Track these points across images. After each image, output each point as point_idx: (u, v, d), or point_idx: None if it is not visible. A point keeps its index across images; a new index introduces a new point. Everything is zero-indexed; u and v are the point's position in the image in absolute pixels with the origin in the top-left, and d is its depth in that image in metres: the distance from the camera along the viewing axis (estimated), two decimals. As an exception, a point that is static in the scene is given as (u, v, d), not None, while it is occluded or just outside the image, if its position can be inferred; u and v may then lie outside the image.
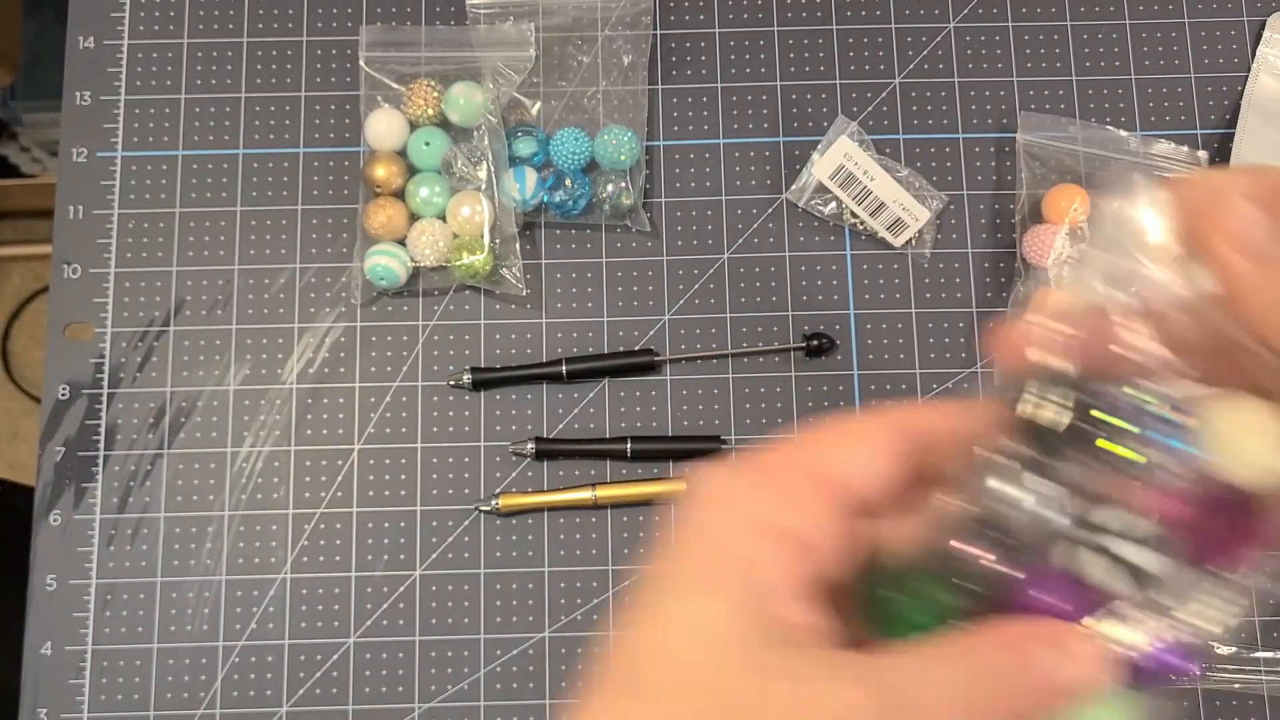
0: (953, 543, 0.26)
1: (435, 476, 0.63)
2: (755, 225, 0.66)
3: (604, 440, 0.63)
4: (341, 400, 0.64)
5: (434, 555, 0.62)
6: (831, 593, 0.26)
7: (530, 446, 0.62)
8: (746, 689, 0.24)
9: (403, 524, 0.62)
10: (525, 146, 0.65)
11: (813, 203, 0.65)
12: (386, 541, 0.62)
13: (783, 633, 0.25)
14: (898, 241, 0.65)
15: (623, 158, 0.64)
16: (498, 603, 0.62)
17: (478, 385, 0.64)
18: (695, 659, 0.24)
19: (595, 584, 0.62)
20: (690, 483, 0.27)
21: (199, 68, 0.68)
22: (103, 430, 0.63)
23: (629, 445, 0.62)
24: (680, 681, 0.24)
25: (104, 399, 0.64)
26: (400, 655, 0.61)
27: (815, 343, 0.64)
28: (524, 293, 0.64)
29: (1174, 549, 0.26)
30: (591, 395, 0.64)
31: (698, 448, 0.63)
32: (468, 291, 0.65)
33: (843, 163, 0.64)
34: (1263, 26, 0.68)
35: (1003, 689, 0.24)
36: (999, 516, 0.26)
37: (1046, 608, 0.26)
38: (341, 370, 0.64)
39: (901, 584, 0.27)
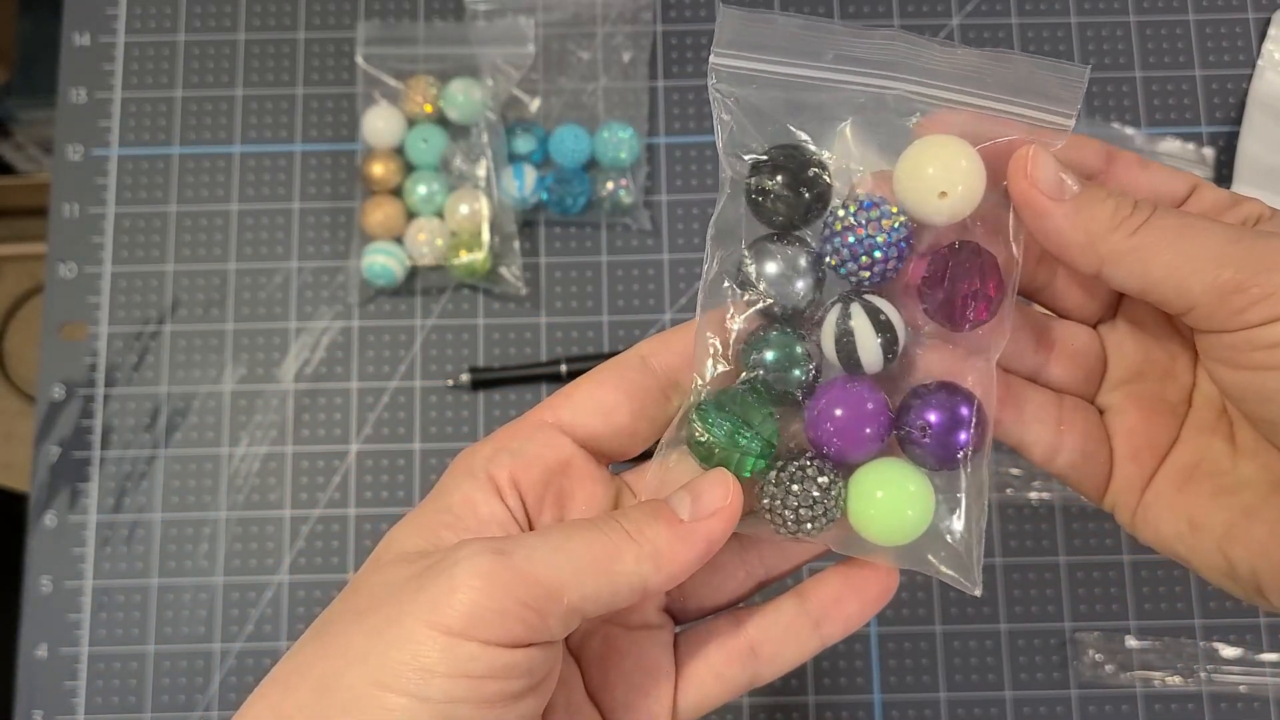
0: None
1: (434, 478, 0.62)
2: (756, 223, 0.65)
3: (604, 440, 0.63)
4: (339, 400, 0.63)
5: (432, 557, 0.62)
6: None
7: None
8: (403, 577, 0.29)
9: (401, 525, 0.62)
10: (524, 143, 0.65)
11: (814, 201, 0.65)
12: (384, 543, 0.62)
13: (446, 544, 0.30)
14: (900, 240, 0.64)
15: (623, 155, 0.64)
16: (497, 605, 0.61)
17: (476, 385, 0.63)
18: (371, 575, 0.30)
19: (595, 586, 0.61)
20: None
21: (195, 64, 0.67)
22: (98, 430, 0.63)
23: (629, 445, 0.62)
24: (356, 589, 0.30)
25: (99, 399, 0.63)
26: (398, 658, 0.60)
27: (817, 342, 0.63)
28: (523, 291, 0.64)
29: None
30: (591, 395, 0.63)
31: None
32: (466, 290, 0.65)
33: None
34: (1268, 23, 0.68)
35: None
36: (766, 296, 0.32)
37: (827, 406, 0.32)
38: (339, 370, 0.64)
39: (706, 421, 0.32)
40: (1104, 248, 0.30)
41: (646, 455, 0.35)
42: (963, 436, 0.31)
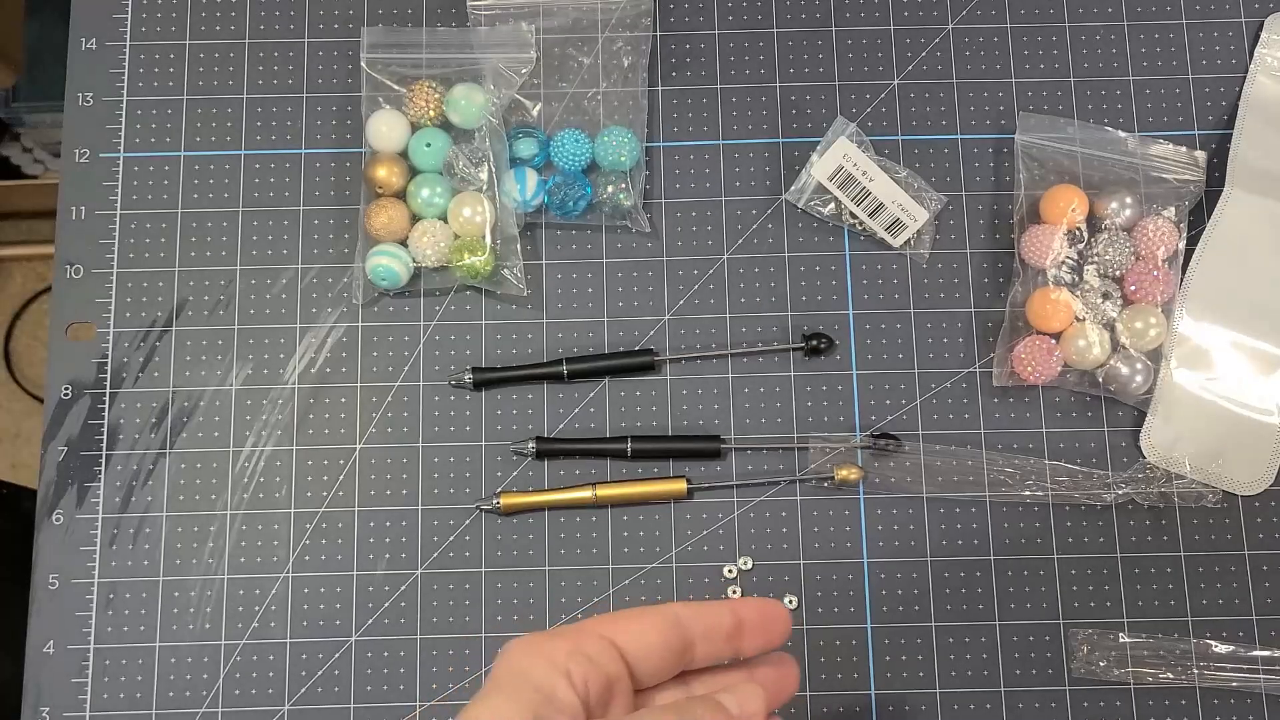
0: None
1: (436, 476, 0.63)
2: (755, 226, 0.66)
3: (604, 440, 0.63)
4: (343, 400, 0.64)
5: (435, 554, 0.62)
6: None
7: (531, 446, 0.63)
8: None
9: (404, 523, 0.63)
10: (526, 148, 0.65)
11: (812, 203, 0.66)
12: (388, 540, 0.62)
13: None
14: (896, 242, 0.65)
15: (623, 159, 0.65)
16: (499, 601, 0.62)
17: (479, 385, 0.64)
18: None
19: (595, 583, 0.62)
20: (509, 644, 0.39)
21: (201, 69, 0.68)
22: (105, 430, 0.64)
23: (629, 445, 0.63)
24: None
25: (106, 399, 0.64)
26: (401, 654, 0.61)
27: (814, 343, 0.64)
28: (525, 293, 0.64)
29: None
30: (591, 395, 0.64)
31: (698, 447, 0.63)
32: (469, 292, 0.65)
33: (842, 164, 0.64)
34: (1260, 27, 0.68)
35: None
36: None
37: None
38: (343, 370, 0.64)
39: None
40: None
41: None
42: None
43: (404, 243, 0.64)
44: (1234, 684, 0.60)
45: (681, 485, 0.62)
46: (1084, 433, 0.64)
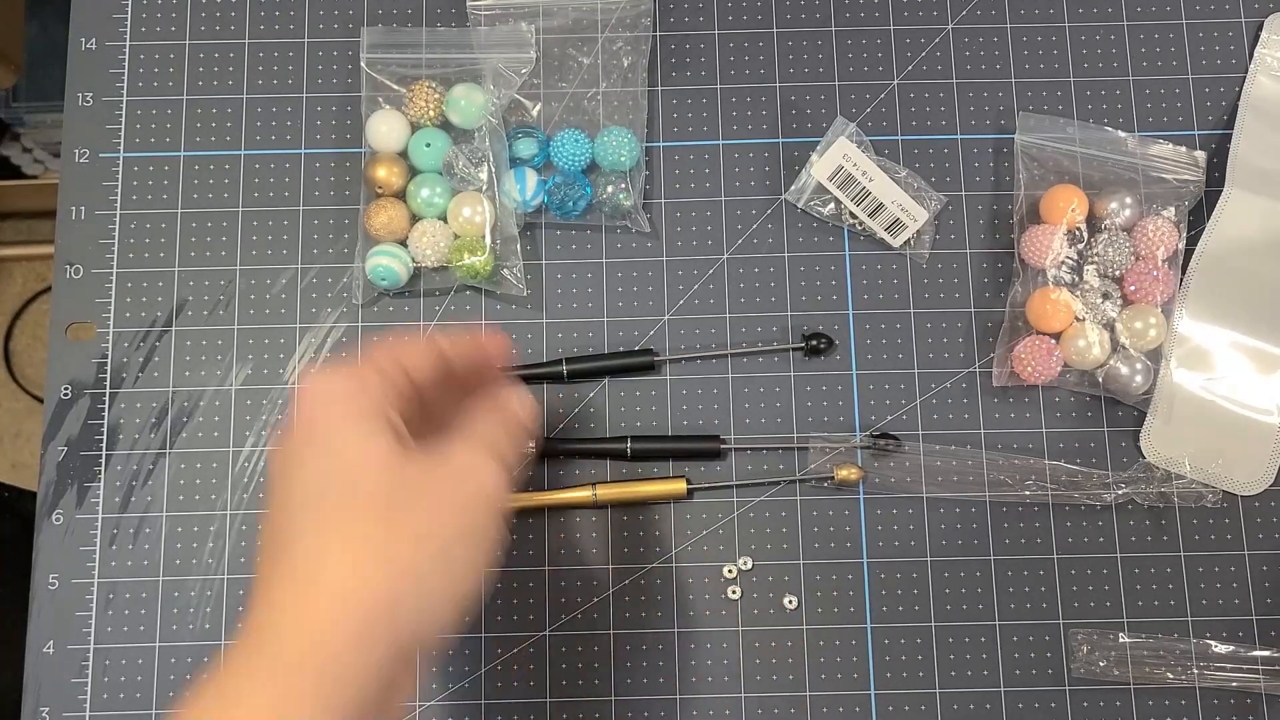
0: None
1: (436, 476, 0.63)
2: (754, 226, 0.66)
3: (604, 440, 0.63)
4: (343, 400, 0.64)
5: (435, 554, 0.62)
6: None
7: (531, 446, 0.63)
8: (416, 476, 0.42)
9: (404, 523, 0.63)
10: (526, 148, 0.66)
11: (812, 203, 0.66)
12: (388, 541, 0.62)
13: (408, 445, 0.43)
14: (896, 242, 0.65)
15: (623, 159, 0.65)
16: (498, 601, 0.62)
17: (478, 385, 0.64)
18: (376, 468, 0.41)
19: (595, 583, 0.62)
20: (309, 376, 0.46)
21: (201, 69, 0.68)
22: (105, 430, 0.64)
23: (629, 445, 0.63)
24: (372, 483, 0.41)
25: (106, 399, 0.64)
26: (401, 654, 0.61)
27: (814, 343, 0.64)
28: (524, 293, 0.64)
29: None
30: (591, 395, 0.64)
31: (697, 447, 0.63)
32: (469, 292, 0.66)
33: (841, 164, 0.64)
34: (1260, 27, 0.68)
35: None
36: None
37: None
38: (343, 370, 0.64)
39: None
40: None
41: None
42: None
43: (404, 243, 0.64)
44: (1234, 684, 0.60)
45: (681, 485, 0.62)
46: (1084, 433, 0.64)
